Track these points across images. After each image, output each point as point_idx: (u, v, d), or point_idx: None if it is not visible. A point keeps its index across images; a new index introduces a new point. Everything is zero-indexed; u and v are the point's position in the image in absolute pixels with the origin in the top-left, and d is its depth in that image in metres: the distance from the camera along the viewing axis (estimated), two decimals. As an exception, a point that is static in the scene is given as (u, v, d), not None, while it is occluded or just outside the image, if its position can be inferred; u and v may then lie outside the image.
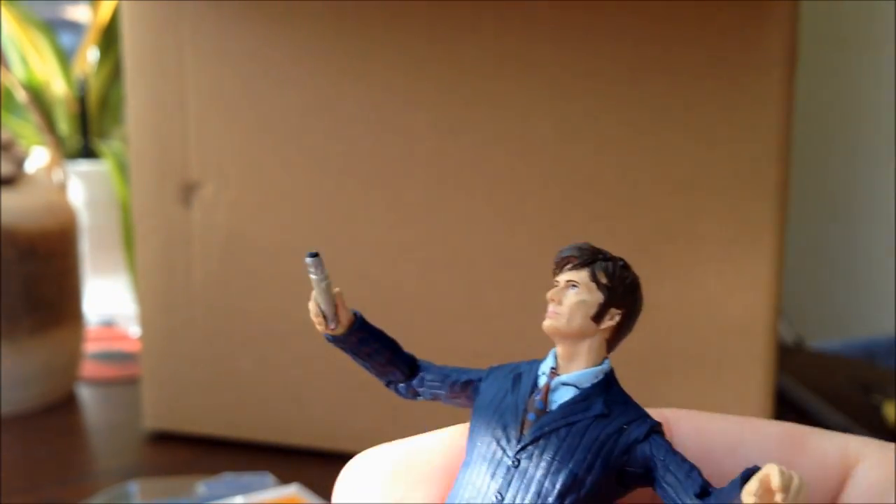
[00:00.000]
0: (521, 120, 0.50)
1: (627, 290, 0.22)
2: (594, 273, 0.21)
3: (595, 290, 0.21)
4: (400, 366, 0.24)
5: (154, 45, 0.54)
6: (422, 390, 0.24)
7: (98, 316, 0.85)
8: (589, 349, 0.21)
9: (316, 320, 0.22)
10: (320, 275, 0.22)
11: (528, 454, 0.20)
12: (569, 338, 0.21)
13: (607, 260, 0.22)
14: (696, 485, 0.19)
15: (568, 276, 0.21)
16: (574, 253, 0.22)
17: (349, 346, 0.23)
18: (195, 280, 0.55)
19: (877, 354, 0.97)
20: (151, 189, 0.55)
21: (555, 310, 0.21)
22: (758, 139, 0.47)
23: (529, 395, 0.21)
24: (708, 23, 0.47)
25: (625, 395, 0.21)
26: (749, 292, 0.48)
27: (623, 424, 0.20)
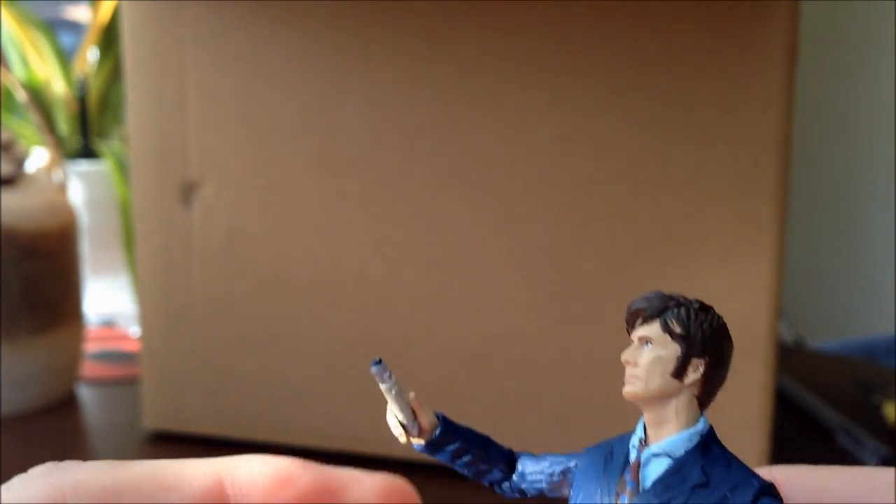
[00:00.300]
0: (521, 120, 0.50)
1: (708, 335, 0.19)
2: (666, 323, 0.19)
3: (670, 343, 0.19)
4: (497, 463, 0.22)
5: (154, 45, 0.54)
6: (525, 486, 0.22)
7: (98, 316, 0.85)
8: (677, 411, 0.19)
9: (396, 432, 0.21)
10: (389, 382, 0.21)
11: None
12: (652, 402, 0.19)
13: (679, 305, 0.19)
14: None
15: (640, 332, 0.19)
16: (641, 305, 0.20)
17: (438, 451, 0.22)
18: (195, 280, 0.55)
19: (877, 354, 0.97)
20: (151, 189, 0.55)
21: (631, 373, 0.19)
22: (758, 139, 0.47)
23: (621, 474, 0.19)
24: (708, 23, 0.47)
25: (727, 456, 0.19)
26: (749, 292, 0.48)
27: (726, 492, 0.18)
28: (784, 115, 0.47)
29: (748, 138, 0.47)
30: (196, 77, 0.53)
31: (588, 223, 0.50)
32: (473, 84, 0.50)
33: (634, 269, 0.49)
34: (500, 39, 0.49)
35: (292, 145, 0.53)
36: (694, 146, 0.48)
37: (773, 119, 0.47)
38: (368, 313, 0.53)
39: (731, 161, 0.48)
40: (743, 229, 0.48)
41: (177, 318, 0.56)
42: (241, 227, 0.54)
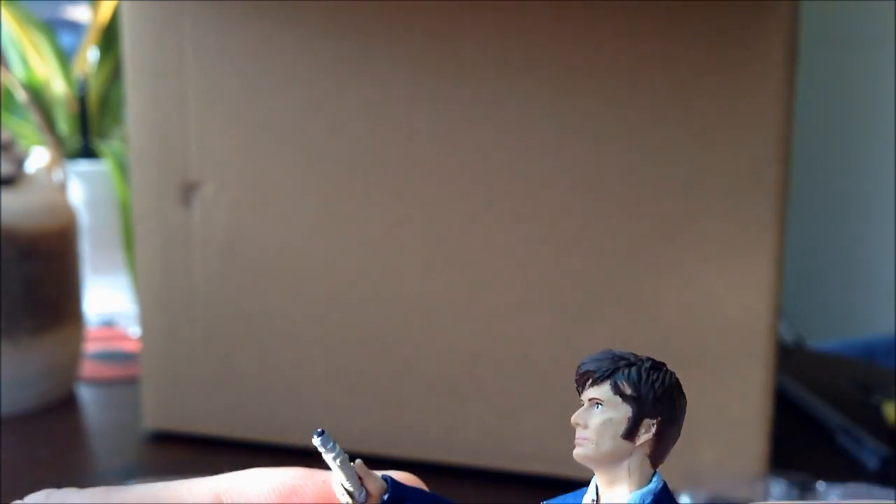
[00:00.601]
0: (521, 119, 0.50)
1: (660, 394, 0.19)
2: (616, 385, 0.19)
3: (621, 404, 0.19)
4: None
5: (154, 45, 0.54)
6: None
7: (98, 316, 0.85)
8: (629, 472, 0.19)
9: (342, 500, 0.20)
10: (334, 451, 0.20)
11: None
12: (603, 464, 0.19)
13: (630, 366, 0.19)
14: None
15: (590, 393, 0.19)
16: (591, 367, 0.19)
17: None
18: (195, 280, 0.55)
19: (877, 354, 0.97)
20: (151, 189, 0.55)
21: (581, 435, 0.19)
22: (758, 139, 0.47)
23: None
24: (708, 23, 0.47)
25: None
26: (749, 292, 0.48)
27: None
28: (784, 115, 0.47)
29: (748, 138, 0.47)
30: (196, 77, 0.53)
31: (588, 223, 0.50)
32: (473, 84, 0.50)
33: (634, 269, 0.49)
34: (500, 39, 0.49)
35: (293, 145, 0.53)
36: (694, 146, 0.48)
37: (773, 119, 0.47)
38: (368, 313, 0.53)
39: (731, 161, 0.48)
40: (743, 229, 0.48)
41: (177, 318, 0.56)
42: (241, 227, 0.54)
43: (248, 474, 0.21)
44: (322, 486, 0.21)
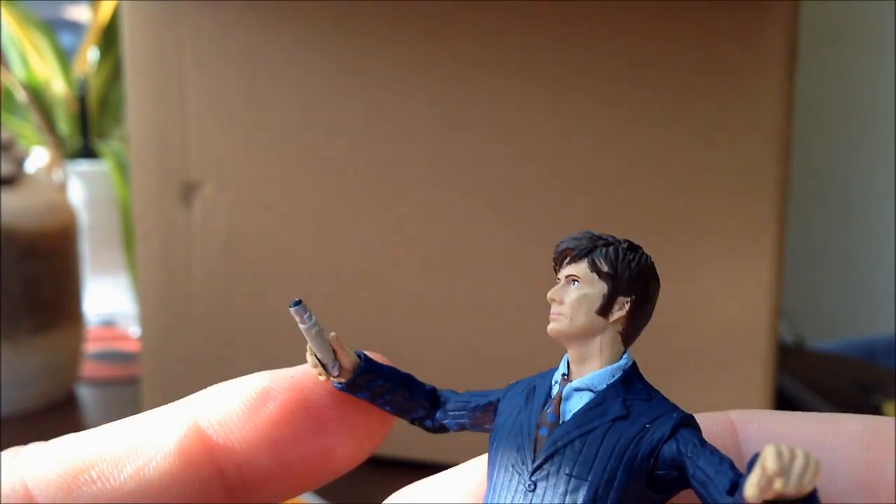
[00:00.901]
0: (521, 119, 0.50)
1: (635, 273, 0.20)
2: (594, 262, 0.19)
3: (597, 281, 0.19)
4: (419, 401, 0.21)
5: (154, 45, 0.54)
6: (447, 422, 0.21)
7: (98, 316, 0.85)
8: (601, 347, 0.19)
9: (316, 371, 0.20)
10: (309, 322, 0.20)
11: (544, 474, 0.17)
12: (576, 338, 0.19)
13: (608, 245, 0.20)
14: (726, 479, 0.16)
15: (567, 270, 0.19)
16: (570, 245, 0.20)
17: (358, 390, 0.21)
18: (195, 280, 0.55)
19: (877, 354, 0.97)
20: (151, 189, 0.55)
21: (556, 310, 0.19)
22: (758, 139, 0.47)
23: (542, 408, 0.19)
24: (707, 23, 0.47)
25: (649, 390, 0.19)
26: (749, 292, 0.48)
27: (646, 423, 0.18)
28: (784, 115, 0.47)
29: (748, 138, 0.47)
30: (196, 77, 0.53)
31: (588, 223, 0.50)
32: (473, 83, 0.50)
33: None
34: (500, 39, 0.49)
35: (292, 145, 0.53)
36: (694, 146, 0.48)
37: (773, 119, 0.47)
38: (368, 313, 0.53)
39: (731, 161, 0.48)
40: (743, 229, 0.48)
41: (177, 318, 0.56)
42: (241, 227, 0.54)
43: (218, 390, 0.21)
44: (291, 381, 0.21)
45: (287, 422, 0.20)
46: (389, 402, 0.21)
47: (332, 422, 0.20)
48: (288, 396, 0.20)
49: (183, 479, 0.19)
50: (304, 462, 0.20)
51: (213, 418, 0.20)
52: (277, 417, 0.20)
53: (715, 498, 0.16)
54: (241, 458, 0.20)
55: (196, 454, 0.19)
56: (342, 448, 0.20)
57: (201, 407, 0.20)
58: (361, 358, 0.21)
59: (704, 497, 0.17)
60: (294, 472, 0.20)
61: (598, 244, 0.20)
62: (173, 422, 0.20)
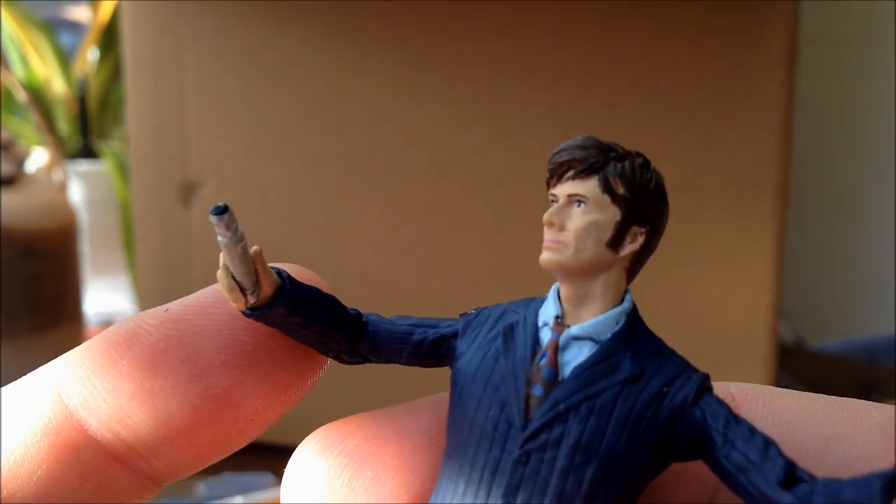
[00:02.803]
0: (520, 120, 0.50)
1: (652, 197, 0.15)
2: (607, 181, 0.15)
3: (609, 206, 0.15)
4: (341, 331, 0.17)
5: (154, 45, 0.54)
6: (374, 356, 0.18)
7: (98, 316, 0.85)
8: (605, 287, 0.15)
9: (231, 296, 0.16)
10: (235, 235, 0.16)
11: (540, 444, 0.14)
12: (577, 275, 0.15)
13: (622, 158, 0.16)
14: (777, 467, 0.14)
15: (570, 187, 0.15)
16: (576, 154, 0.15)
17: (274, 319, 0.16)
18: (195, 280, 0.55)
19: (877, 354, 0.97)
20: (151, 189, 0.55)
21: (555, 238, 0.16)
22: (758, 139, 0.47)
23: (531, 359, 0.15)
24: (708, 24, 0.47)
25: (656, 340, 0.16)
26: (749, 292, 0.48)
27: (663, 385, 0.15)
28: (784, 115, 0.47)
29: (748, 138, 0.47)
30: (196, 77, 0.53)
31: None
32: (473, 84, 0.50)
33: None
34: (500, 39, 0.49)
35: (292, 145, 0.53)
36: (694, 146, 0.48)
37: (773, 119, 0.47)
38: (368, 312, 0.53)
39: (731, 161, 0.48)
40: (743, 229, 0.48)
41: (177, 318, 0.56)
42: (241, 226, 0.54)
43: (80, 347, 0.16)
44: (165, 317, 0.16)
45: (159, 365, 0.16)
46: (304, 334, 0.17)
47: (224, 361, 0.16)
48: (160, 334, 0.16)
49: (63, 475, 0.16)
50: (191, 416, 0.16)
51: (76, 384, 0.16)
52: (147, 362, 0.16)
53: (762, 488, 0.14)
54: (116, 421, 0.16)
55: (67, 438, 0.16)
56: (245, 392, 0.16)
57: (62, 374, 0.16)
58: (285, 279, 0.16)
59: (741, 482, 0.14)
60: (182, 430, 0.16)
61: (610, 157, 0.15)
62: (41, 396, 0.16)
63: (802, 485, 0.14)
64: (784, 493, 0.13)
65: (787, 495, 0.13)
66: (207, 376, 0.16)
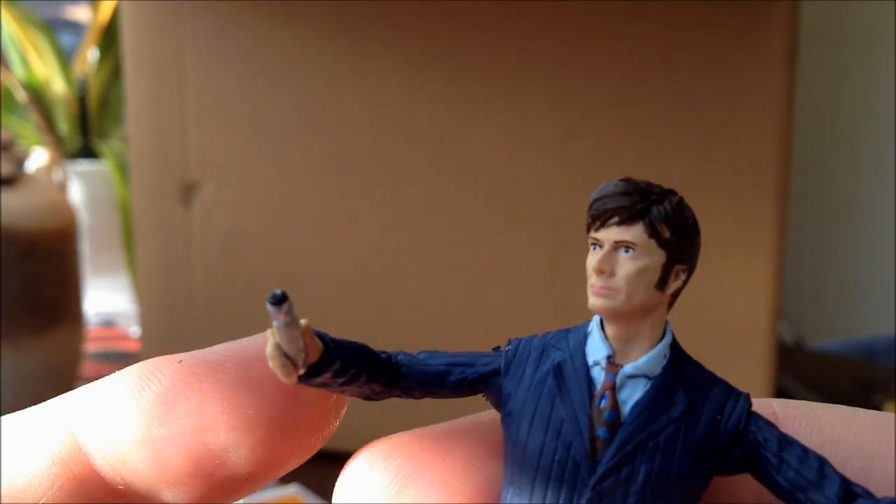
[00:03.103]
0: (521, 120, 0.50)
1: (691, 235, 0.16)
2: (653, 226, 0.15)
3: (656, 249, 0.16)
4: (379, 381, 0.17)
5: (154, 45, 0.54)
6: (409, 397, 0.18)
7: (98, 316, 0.85)
8: (652, 324, 0.16)
9: (283, 372, 0.15)
10: (289, 318, 0.15)
11: (610, 485, 0.15)
12: (629, 318, 0.16)
13: (661, 200, 0.16)
14: (835, 485, 0.14)
15: (616, 234, 0.16)
16: (622, 203, 0.16)
17: (320, 383, 0.16)
18: (195, 280, 0.55)
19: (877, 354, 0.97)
20: (151, 189, 0.55)
21: (606, 285, 0.16)
22: (758, 139, 0.47)
23: (589, 401, 0.15)
24: (708, 23, 0.47)
25: (698, 367, 0.16)
26: (749, 292, 0.48)
27: (716, 414, 0.15)
28: (784, 115, 0.47)
29: (748, 138, 0.47)
30: (196, 77, 0.53)
31: (588, 223, 0.50)
32: (473, 84, 0.50)
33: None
34: (500, 39, 0.49)
35: (292, 145, 0.53)
36: (694, 146, 0.48)
37: (773, 119, 0.47)
38: (368, 313, 0.53)
39: (731, 161, 0.48)
40: (743, 229, 0.48)
41: (177, 318, 0.56)
42: (240, 226, 0.54)
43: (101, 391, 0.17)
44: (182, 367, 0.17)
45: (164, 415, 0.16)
46: (345, 390, 0.17)
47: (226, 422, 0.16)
48: (170, 384, 0.17)
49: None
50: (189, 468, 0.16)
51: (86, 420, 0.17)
52: (153, 409, 0.16)
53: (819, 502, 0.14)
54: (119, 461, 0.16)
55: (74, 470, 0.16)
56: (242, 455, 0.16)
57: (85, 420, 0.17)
58: (328, 344, 0.16)
59: (800, 500, 0.15)
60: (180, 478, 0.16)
61: (652, 201, 0.16)
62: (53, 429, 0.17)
63: (860, 500, 0.14)
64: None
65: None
66: (207, 434, 0.16)
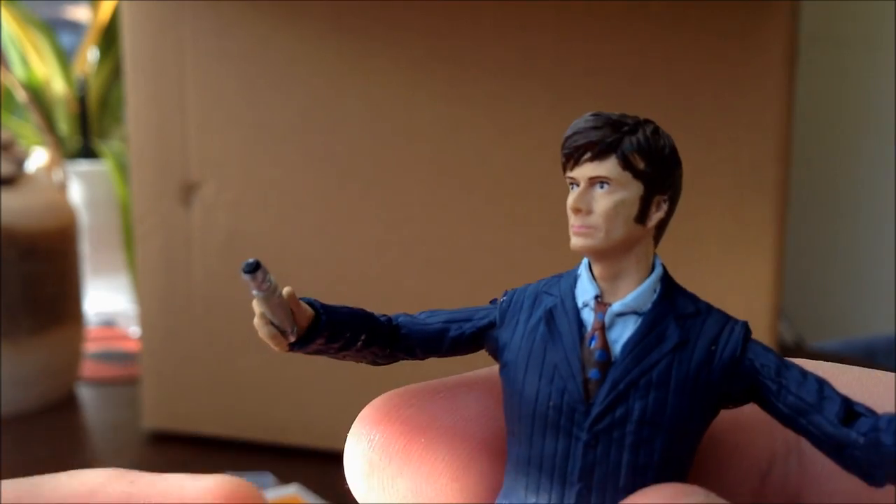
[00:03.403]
0: (521, 120, 0.50)
1: (669, 163, 0.16)
2: (626, 158, 0.15)
3: (632, 181, 0.15)
4: (378, 343, 0.18)
5: (154, 45, 0.54)
6: (411, 357, 0.18)
7: (98, 316, 0.85)
8: (638, 259, 0.16)
9: (273, 342, 0.16)
10: (268, 287, 0.16)
11: (606, 426, 0.15)
12: (612, 254, 0.16)
13: (635, 130, 0.15)
14: (835, 405, 0.14)
15: (590, 170, 0.15)
16: (592, 137, 0.15)
17: (315, 350, 0.17)
18: (195, 280, 0.55)
19: (877, 354, 0.97)
20: (151, 189, 0.55)
21: (584, 223, 0.15)
22: (758, 139, 0.47)
23: (580, 343, 0.15)
24: (708, 23, 0.47)
25: (692, 298, 0.16)
26: (749, 292, 0.48)
27: (710, 345, 0.15)
28: (784, 115, 0.47)
29: (748, 138, 0.47)
30: (196, 77, 0.53)
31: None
32: (473, 84, 0.50)
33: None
34: (500, 39, 0.49)
35: (292, 145, 0.53)
36: (694, 146, 0.48)
37: (773, 119, 0.47)
38: (368, 313, 0.53)
39: (731, 161, 0.48)
40: (743, 229, 0.48)
41: (177, 318, 0.56)
42: (240, 227, 0.54)
43: None
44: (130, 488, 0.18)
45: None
46: (343, 355, 0.17)
47: None
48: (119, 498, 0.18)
49: None
50: None
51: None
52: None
53: (824, 428, 0.14)
54: None
55: None
56: None
57: None
58: (318, 309, 0.17)
59: (802, 424, 0.15)
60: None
61: (624, 132, 0.15)
62: None
63: (863, 419, 0.14)
64: (847, 431, 0.14)
65: (850, 432, 0.14)
66: None
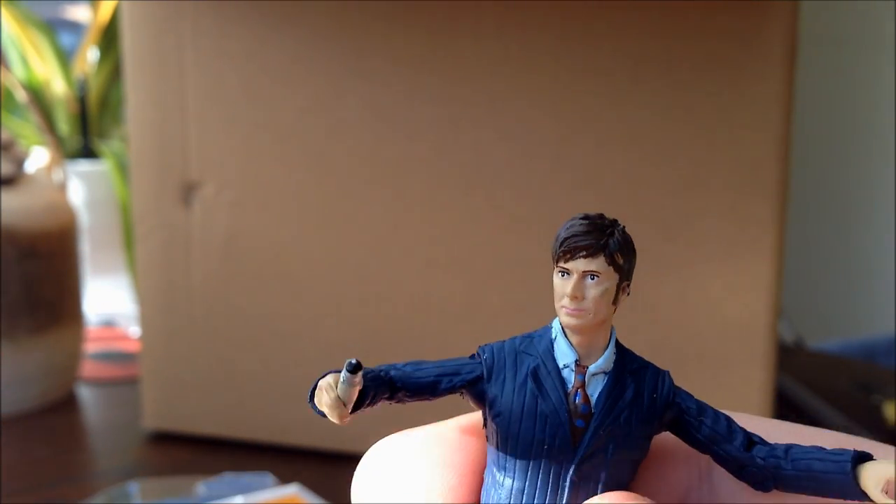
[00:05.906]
0: (521, 119, 0.50)
1: (634, 256, 0.20)
2: (611, 257, 0.19)
3: (612, 274, 0.19)
4: (384, 396, 0.21)
5: (154, 45, 0.54)
6: (402, 403, 0.22)
7: (98, 316, 0.85)
8: (605, 330, 0.20)
9: (336, 412, 0.19)
10: (358, 382, 0.20)
11: (590, 465, 0.19)
12: (593, 330, 0.20)
13: (613, 233, 0.20)
14: (741, 437, 0.20)
15: (583, 265, 0.19)
16: (585, 242, 0.19)
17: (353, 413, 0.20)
18: (195, 280, 0.55)
19: (877, 354, 0.97)
20: (151, 189, 0.55)
21: (579, 307, 0.19)
22: (758, 139, 0.47)
23: (566, 398, 0.19)
24: (708, 23, 0.47)
25: (632, 355, 0.20)
26: (749, 292, 0.48)
27: (652, 394, 0.20)
28: (784, 115, 0.47)
29: (748, 138, 0.47)
30: (196, 77, 0.53)
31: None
32: (473, 83, 0.50)
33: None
34: (501, 39, 0.49)
35: (292, 145, 0.53)
36: (694, 146, 0.48)
37: (773, 119, 0.47)
38: (368, 313, 0.53)
39: (731, 161, 0.48)
40: (743, 229, 0.48)
41: (177, 318, 0.56)
42: (240, 227, 0.54)
43: None
44: None
45: None
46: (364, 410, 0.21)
47: None
48: None
49: None
50: None
51: None
52: None
53: (732, 453, 0.19)
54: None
55: None
56: None
57: None
58: (366, 384, 0.20)
59: (715, 451, 0.20)
60: None
61: (608, 234, 0.20)
62: None
63: (758, 446, 0.19)
64: (750, 455, 0.19)
65: (752, 456, 0.19)
66: None
